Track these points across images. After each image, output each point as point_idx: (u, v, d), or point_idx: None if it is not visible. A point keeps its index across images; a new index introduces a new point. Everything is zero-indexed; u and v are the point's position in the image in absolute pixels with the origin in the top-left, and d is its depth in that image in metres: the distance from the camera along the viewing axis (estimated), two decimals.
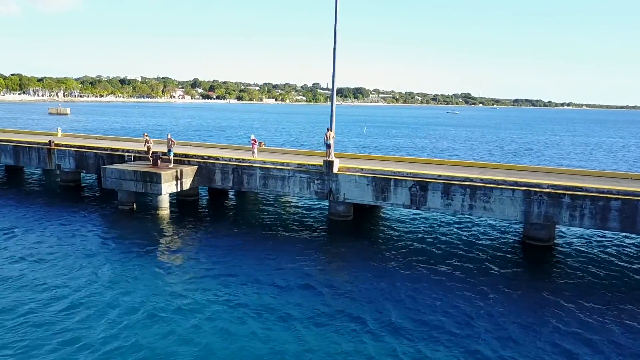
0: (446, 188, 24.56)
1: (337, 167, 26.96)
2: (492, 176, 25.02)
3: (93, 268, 19.37)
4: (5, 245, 21.88)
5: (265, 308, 16.20)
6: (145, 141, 30.95)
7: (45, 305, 15.99)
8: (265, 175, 28.39)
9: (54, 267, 19.42)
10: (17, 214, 27.41)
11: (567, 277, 19.89)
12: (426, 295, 17.55)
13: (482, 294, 17.85)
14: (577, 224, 22.69)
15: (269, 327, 14.98)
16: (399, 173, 25.87)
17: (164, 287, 17.70)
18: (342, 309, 16.27)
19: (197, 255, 21.31)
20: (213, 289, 17.63)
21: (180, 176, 28.40)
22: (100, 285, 17.77)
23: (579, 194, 22.48)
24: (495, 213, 23.94)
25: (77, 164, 33.87)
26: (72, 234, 23.70)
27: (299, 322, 15.34)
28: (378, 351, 13.78)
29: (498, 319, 15.92)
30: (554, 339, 14.71)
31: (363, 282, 18.72)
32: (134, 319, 15.23)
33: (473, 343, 14.33)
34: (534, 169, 29.52)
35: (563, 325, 15.59)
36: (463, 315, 16.10)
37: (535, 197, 23.05)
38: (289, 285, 18.26)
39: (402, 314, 16.05)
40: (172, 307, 16.15)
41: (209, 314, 15.69)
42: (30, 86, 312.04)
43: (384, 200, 25.95)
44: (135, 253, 21.25)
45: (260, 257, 21.20)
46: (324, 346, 13.94)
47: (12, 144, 36.14)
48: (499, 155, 66.38)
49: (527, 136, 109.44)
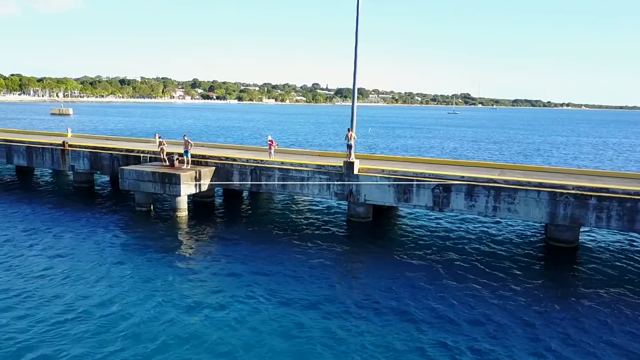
0: (470, 189, 24.36)
1: (358, 168, 26.75)
2: (515, 177, 24.82)
3: (116, 270, 19.16)
4: (28, 246, 21.65)
5: (294, 309, 16.00)
6: (159, 142, 30.69)
7: (73, 305, 15.77)
8: (284, 176, 28.17)
9: (77, 269, 19.20)
10: (34, 215, 27.17)
11: (597, 279, 19.70)
12: (453, 297, 17.38)
13: (511, 296, 17.65)
14: (604, 226, 22.52)
15: (298, 327, 14.78)
16: (421, 174, 25.66)
17: (190, 290, 17.49)
18: (371, 309, 16.08)
19: (219, 257, 21.09)
20: (239, 291, 17.43)
21: (198, 177, 28.18)
22: (124, 287, 17.57)
23: (606, 195, 22.29)
24: (519, 214, 23.74)
25: (91, 165, 33.62)
26: (91, 236, 23.46)
27: (328, 321, 15.14)
28: (407, 349, 13.59)
29: (526, 321, 15.72)
30: (590, 344, 14.53)
31: (388, 282, 18.52)
32: (161, 320, 15.01)
33: (501, 347, 14.14)
34: (552, 169, 29.34)
35: (596, 330, 15.41)
36: (491, 320, 15.90)
37: (561, 199, 22.85)
38: (317, 287, 18.04)
39: (429, 314, 15.89)
40: (199, 308, 15.94)
41: (236, 315, 15.56)
42: (30, 86, 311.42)
43: (405, 202, 25.74)
44: (158, 255, 21.03)
45: (282, 259, 20.99)
46: (352, 343, 13.74)
47: (25, 145, 35.87)
48: (509, 155, 66.23)
49: (533, 137, 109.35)
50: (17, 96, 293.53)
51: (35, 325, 14.70)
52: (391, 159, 33.03)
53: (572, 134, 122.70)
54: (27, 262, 19.83)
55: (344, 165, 26.83)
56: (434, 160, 32.11)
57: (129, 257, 20.73)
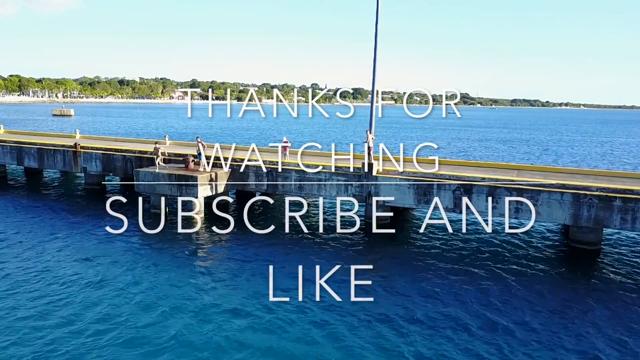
0: (491, 191, 24.16)
1: (377, 169, 26.53)
2: (535, 179, 24.64)
3: (135, 273, 18.99)
4: (56, 250, 21.44)
5: (314, 313, 15.80)
6: (155, 144, 30.53)
7: (92, 304, 15.55)
8: (300, 178, 27.95)
9: (97, 270, 19.00)
10: (48, 216, 26.93)
11: (625, 282, 19.52)
12: (474, 300, 17.23)
13: (536, 299, 17.47)
14: (629, 228, 22.34)
15: (316, 332, 14.58)
16: (442, 176, 25.47)
17: (223, 294, 17.28)
18: (393, 311, 15.89)
19: (242, 259, 20.99)
20: (260, 294, 17.22)
21: (214, 179, 27.96)
22: (143, 288, 17.46)
23: (631, 197, 22.10)
24: (542, 216, 23.55)
25: (103, 166, 33.38)
26: (108, 239, 23.22)
27: (344, 325, 14.95)
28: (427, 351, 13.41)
29: (554, 327, 15.54)
30: (614, 349, 14.35)
31: (407, 285, 18.33)
32: (181, 323, 14.84)
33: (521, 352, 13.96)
34: (571, 170, 29.17)
35: (619, 334, 15.24)
36: (510, 322, 15.72)
37: (584, 200, 22.67)
38: (336, 289, 17.83)
39: (449, 315, 15.75)
40: (218, 312, 15.74)
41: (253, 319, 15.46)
42: (29, 87, 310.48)
43: (426, 204, 25.52)
44: (177, 258, 20.82)
45: (301, 260, 20.76)
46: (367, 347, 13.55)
47: (37, 147, 35.61)
48: (518, 155, 66.11)
49: (539, 136, 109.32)
50: (17, 97, 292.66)
51: (73, 334, 14.50)
52: (409, 160, 32.74)
53: (576, 134, 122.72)
54: (56, 267, 19.64)
55: (362, 166, 26.62)
56: (452, 162, 31.88)
57: (147, 259, 20.53)
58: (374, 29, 27.98)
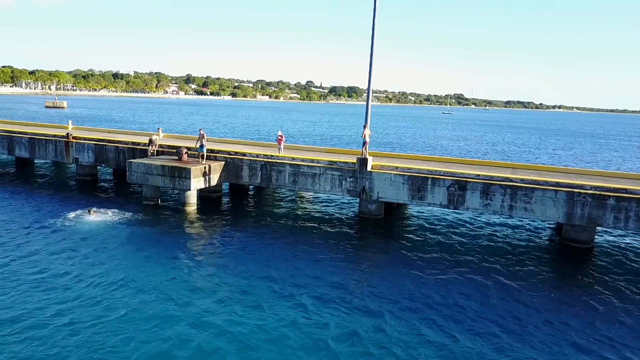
0: (485, 188, 24.13)
1: (371, 164, 26.43)
2: (531, 176, 24.64)
3: (125, 265, 18.71)
4: (38, 240, 21.13)
5: (304, 307, 15.68)
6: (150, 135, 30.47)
7: (82, 304, 15.34)
8: (295, 172, 27.80)
9: (86, 262, 18.73)
10: (36, 206, 26.59)
11: (614, 280, 19.55)
12: (466, 296, 17.15)
13: (527, 296, 17.45)
14: (622, 227, 22.40)
15: (305, 324, 14.46)
16: (436, 172, 25.41)
17: (199, 285, 17.10)
18: (386, 306, 15.82)
19: (230, 252, 20.72)
20: (250, 287, 17.07)
21: (208, 172, 27.73)
22: (131, 282, 17.14)
23: (625, 196, 22.16)
24: (536, 214, 23.56)
25: (96, 157, 33.03)
26: (99, 229, 22.96)
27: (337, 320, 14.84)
28: (419, 346, 13.33)
29: (545, 322, 15.52)
30: (607, 347, 14.35)
31: (400, 279, 18.25)
32: (171, 317, 14.64)
33: (513, 346, 13.93)
34: (565, 170, 29.23)
35: (612, 332, 15.24)
36: (503, 318, 15.68)
37: (578, 199, 22.69)
38: (327, 287, 17.72)
39: (440, 313, 15.63)
40: (208, 304, 15.57)
41: (241, 312, 15.20)
42: (22, 79, 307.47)
43: (420, 200, 25.47)
44: (167, 250, 20.57)
45: (292, 255, 20.67)
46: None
47: (28, 137, 35.18)
48: (515, 155, 66.25)
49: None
50: (9, 88, 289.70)
51: (60, 326, 14.27)
52: (404, 157, 32.74)
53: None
54: (38, 259, 19.34)
55: (357, 161, 26.51)
56: (447, 159, 31.87)
57: (137, 251, 20.27)
58: (370, 28, 27.82)
